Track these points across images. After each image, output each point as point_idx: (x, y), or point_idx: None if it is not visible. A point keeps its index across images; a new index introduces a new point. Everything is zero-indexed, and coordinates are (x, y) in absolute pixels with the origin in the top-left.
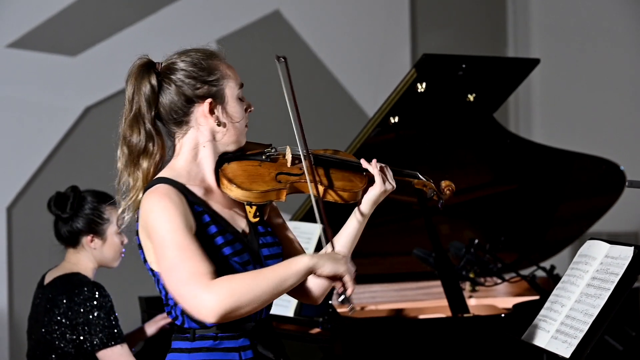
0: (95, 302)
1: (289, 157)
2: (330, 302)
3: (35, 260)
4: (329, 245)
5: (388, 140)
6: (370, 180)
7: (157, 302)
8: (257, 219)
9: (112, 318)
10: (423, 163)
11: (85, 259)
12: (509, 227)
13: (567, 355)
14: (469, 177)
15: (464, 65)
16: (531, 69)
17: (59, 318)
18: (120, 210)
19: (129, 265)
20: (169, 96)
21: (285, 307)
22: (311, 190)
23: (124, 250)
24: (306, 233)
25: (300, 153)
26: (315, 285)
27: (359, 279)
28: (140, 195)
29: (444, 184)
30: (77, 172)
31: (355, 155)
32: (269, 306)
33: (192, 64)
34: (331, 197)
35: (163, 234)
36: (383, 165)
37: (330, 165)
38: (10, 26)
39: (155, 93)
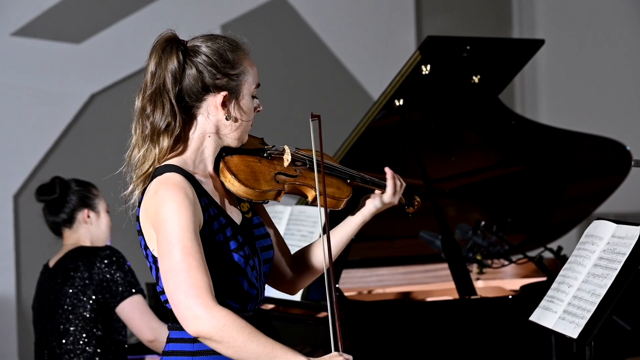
0: (114, 259)
1: (288, 157)
2: (337, 286)
3: (42, 248)
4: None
5: (393, 123)
6: (353, 190)
7: None
8: (250, 215)
9: (131, 273)
10: (428, 146)
11: (82, 236)
12: (515, 208)
13: (575, 336)
14: (475, 159)
15: (468, 47)
16: (536, 50)
17: (78, 281)
18: (131, 187)
19: (137, 252)
20: (188, 78)
21: None
22: (321, 213)
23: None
24: (312, 217)
25: (310, 160)
26: (295, 279)
27: (366, 263)
28: (151, 170)
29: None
30: (83, 159)
31: (361, 138)
32: (263, 295)
33: (218, 53)
34: (322, 203)
35: (173, 231)
36: (399, 177)
37: (326, 171)
38: (15, 14)
39: (181, 68)
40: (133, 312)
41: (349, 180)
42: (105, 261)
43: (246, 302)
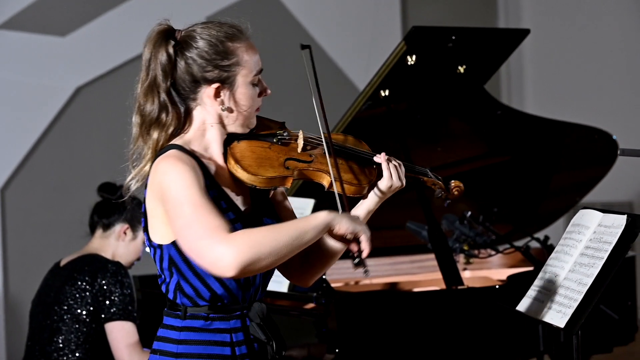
0: (119, 278)
1: (300, 142)
2: (324, 277)
3: (29, 241)
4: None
5: (379, 114)
6: (380, 175)
7: (152, 280)
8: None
9: (131, 297)
10: (415, 136)
11: (107, 246)
12: (502, 198)
13: (562, 325)
14: (462, 149)
15: (453, 37)
16: (521, 40)
17: (79, 284)
18: (129, 178)
19: None
20: (179, 70)
21: (279, 282)
22: (331, 174)
23: (135, 263)
24: (298, 208)
25: (323, 139)
26: (306, 270)
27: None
28: (149, 165)
29: (453, 184)
30: (70, 152)
31: (347, 129)
32: (264, 288)
33: (210, 43)
34: (338, 189)
35: (179, 192)
36: (393, 159)
37: (341, 155)
38: None
39: (171, 62)
40: (119, 338)
41: (375, 166)
42: (109, 275)
43: (242, 291)
